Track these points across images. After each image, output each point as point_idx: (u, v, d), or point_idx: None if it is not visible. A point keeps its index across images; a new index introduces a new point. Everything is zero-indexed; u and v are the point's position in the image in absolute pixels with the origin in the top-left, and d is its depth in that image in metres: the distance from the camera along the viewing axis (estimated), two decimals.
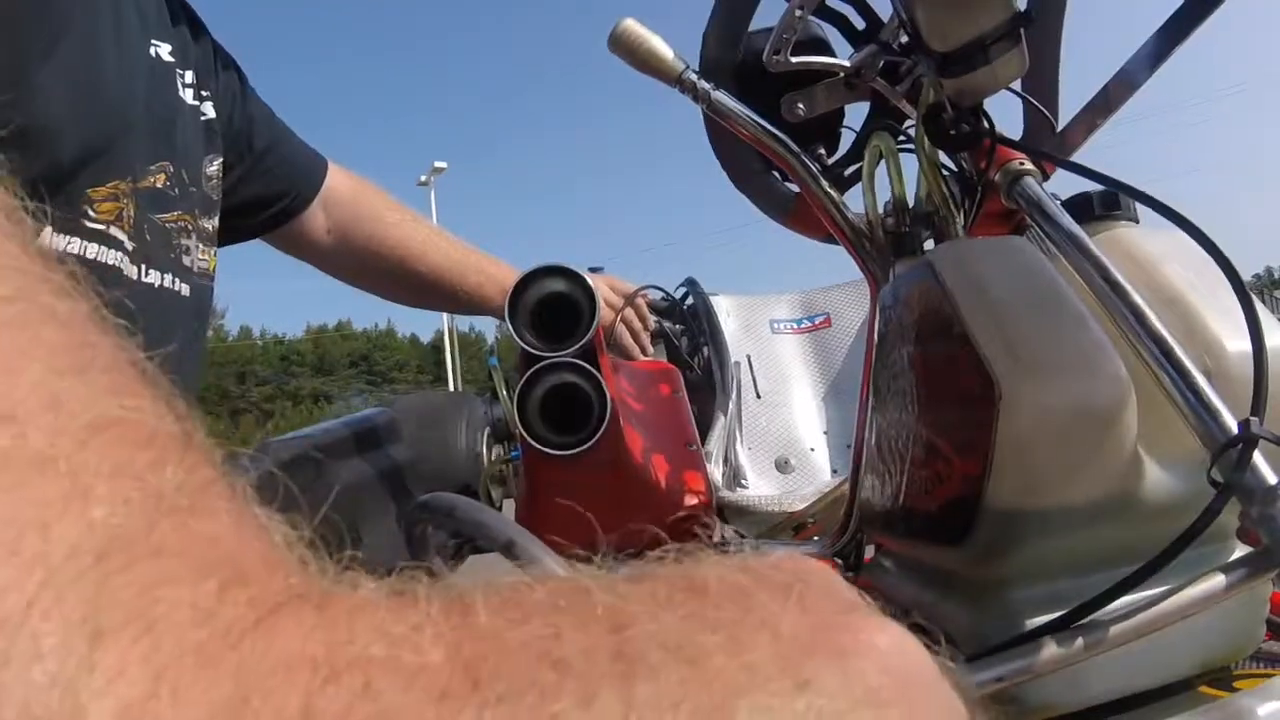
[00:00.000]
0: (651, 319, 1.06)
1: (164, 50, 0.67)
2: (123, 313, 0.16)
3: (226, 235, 0.78)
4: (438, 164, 23.84)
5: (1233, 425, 0.35)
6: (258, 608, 0.13)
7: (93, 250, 0.56)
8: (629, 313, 0.99)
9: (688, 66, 0.60)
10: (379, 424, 0.88)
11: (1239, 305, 0.39)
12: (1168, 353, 0.38)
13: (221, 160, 0.74)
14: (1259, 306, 0.39)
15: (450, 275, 0.97)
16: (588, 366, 0.56)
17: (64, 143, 0.52)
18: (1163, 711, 0.40)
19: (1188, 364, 0.38)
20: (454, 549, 0.71)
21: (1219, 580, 0.35)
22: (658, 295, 1.12)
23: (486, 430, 0.93)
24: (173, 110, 0.66)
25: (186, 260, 0.66)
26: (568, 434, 0.56)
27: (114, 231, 0.57)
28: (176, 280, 0.65)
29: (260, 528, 0.15)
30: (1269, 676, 0.41)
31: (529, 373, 0.56)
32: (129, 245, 0.59)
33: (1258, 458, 0.34)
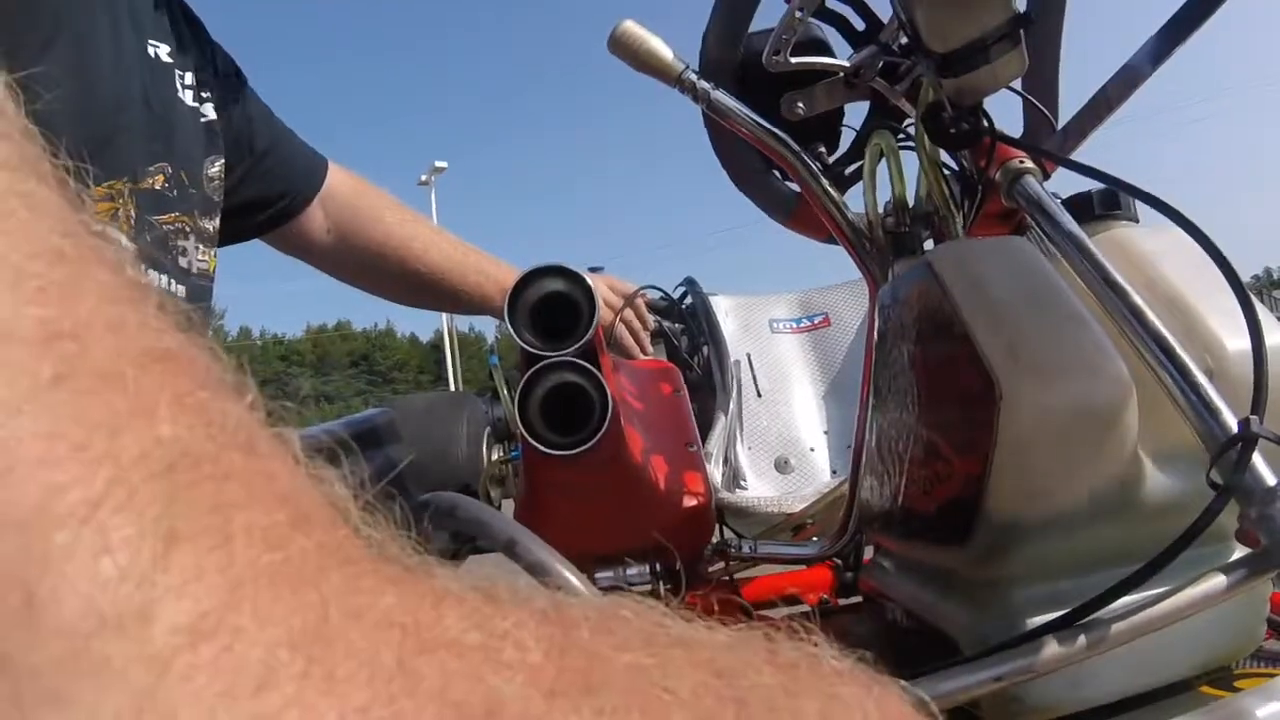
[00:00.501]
0: (651, 319, 1.06)
1: (163, 50, 0.66)
2: None
3: (227, 235, 0.77)
4: (438, 164, 23.85)
5: (1233, 424, 0.35)
6: (331, 554, 0.12)
7: None
8: (628, 313, 0.99)
9: (688, 67, 0.60)
10: (379, 424, 0.88)
11: (1239, 305, 0.39)
12: (1168, 352, 0.38)
13: (223, 161, 0.73)
14: (1258, 306, 0.39)
15: (450, 275, 0.97)
16: (588, 366, 0.56)
17: (60, 143, 0.51)
18: (1164, 711, 0.40)
19: (1188, 363, 0.38)
20: (454, 550, 0.71)
21: (1219, 581, 0.35)
22: (657, 295, 1.12)
23: (487, 430, 0.93)
24: (171, 111, 0.65)
25: (183, 262, 0.66)
26: (568, 434, 0.56)
27: (111, 233, 0.57)
28: (172, 282, 0.64)
29: (319, 479, 0.14)
30: (1270, 676, 0.41)
31: (530, 372, 0.56)
32: (129, 246, 0.59)
33: (1258, 458, 0.34)
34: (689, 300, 1.12)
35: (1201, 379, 0.37)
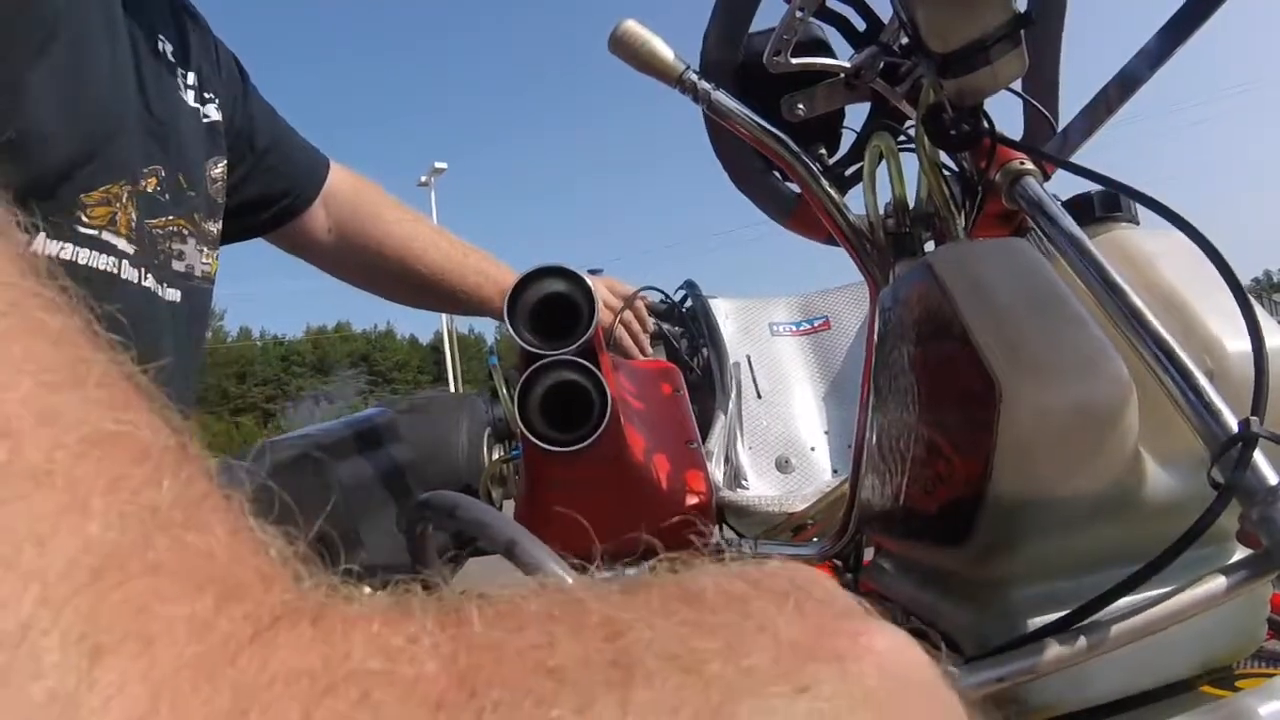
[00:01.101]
0: (650, 321, 1.06)
1: (166, 49, 0.66)
2: (115, 324, 0.16)
3: (230, 234, 0.77)
4: (438, 164, 23.84)
5: (1233, 424, 0.35)
6: (254, 622, 0.13)
7: (84, 256, 0.55)
8: (628, 314, 0.99)
9: (688, 67, 0.60)
10: (379, 424, 0.88)
11: (1238, 307, 0.39)
12: (1168, 353, 0.38)
13: (225, 162, 0.73)
14: (1257, 307, 0.39)
15: (449, 275, 0.97)
16: (588, 364, 0.56)
17: (55, 146, 0.51)
18: (1165, 711, 0.40)
19: (1188, 364, 0.38)
20: (454, 552, 0.71)
21: (1219, 582, 0.35)
22: (657, 298, 1.12)
23: (487, 430, 0.93)
24: (172, 112, 0.65)
25: (178, 265, 0.65)
26: (568, 432, 0.56)
27: (107, 236, 0.56)
28: (164, 286, 0.64)
29: (256, 542, 0.15)
30: (1271, 676, 0.41)
31: (529, 371, 0.56)
32: (129, 249, 0.58)
33: (1259, 459, 0.34)
34: (689, 303, 1.12)
35: (1202, 379, 0.37)
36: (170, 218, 0.64)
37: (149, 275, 0.61)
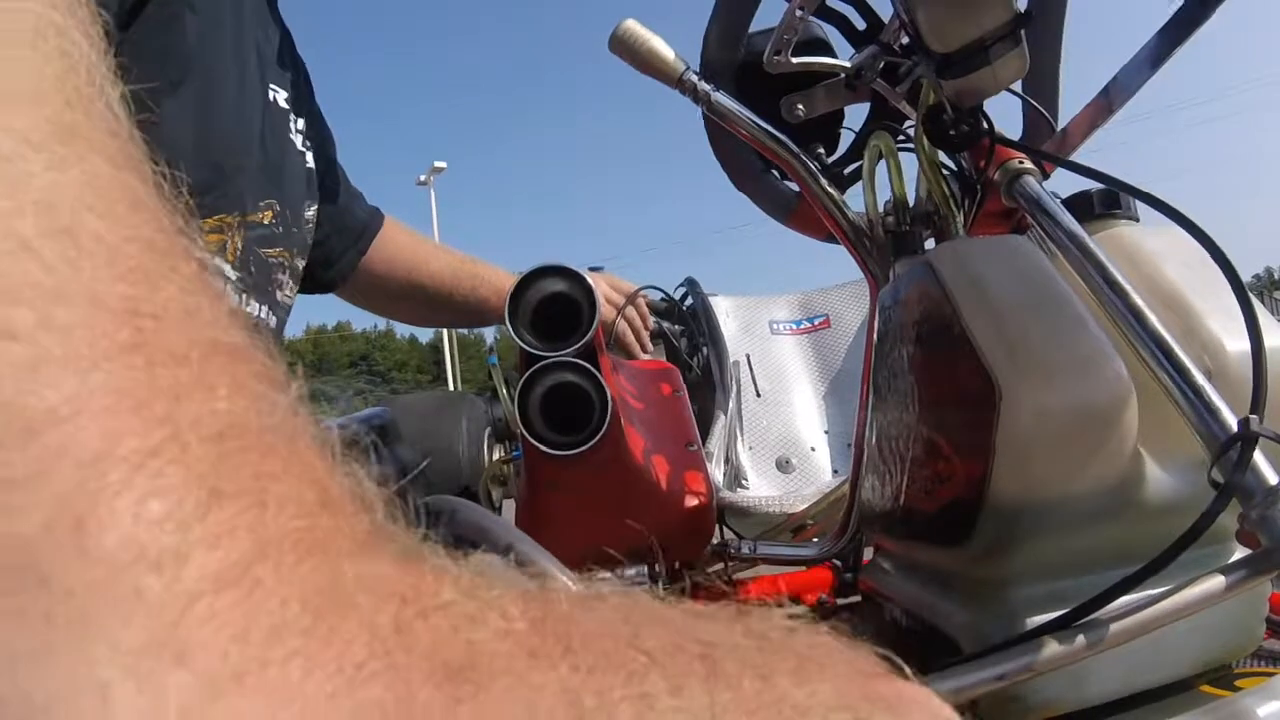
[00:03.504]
0: (651, 319, 1.06)
1: (281, 96, 0.69)
2: None
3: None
4: (437, 164, 23.81)
5: (1233, 424, 0.35)
6: (350, 536, 0.14)
7: None
8: (630, 311, 1.00)
9: (688, 67, 0.60)
10: (379, 424, 0.88)
11: (1238, 305, 0.39)
12: (1168, 352, 0.38)
13: (316, 207, 0.76)
14: (1258, 306, 0.39)
15: (450, 282, 0.98)
16: (588, 366, 0.56)
17: (181, 174, 0.52)
18: (1164, 711, 0.40)
19: (1188, 363, 0.38)
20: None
21: (1219, 581, 0.35)
22: (657, 296, 1.12)
23: (488, 430, 0.93)
24: (282, 153, 0.68)
25: (279, 295, 0.69)
26: (569, 434, 0.56)
27: (217, 262, 0.59)
28: (269, 312, 0.67)
29: (349, 472, 0.15)
30: (1270, 675, 0.41)
31: (529, 372, 0.56)
32: (232, 275, 0.61)
33: (1259, 459, 0.34)
34: (689, 301, 1.12)
35: (1201, 379, 0.37)
36: (281, 249, 0.67)
37: (252, 300, 0.64)
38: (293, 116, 0.71)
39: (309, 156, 0.75)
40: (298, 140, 0.72)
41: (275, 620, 0.12)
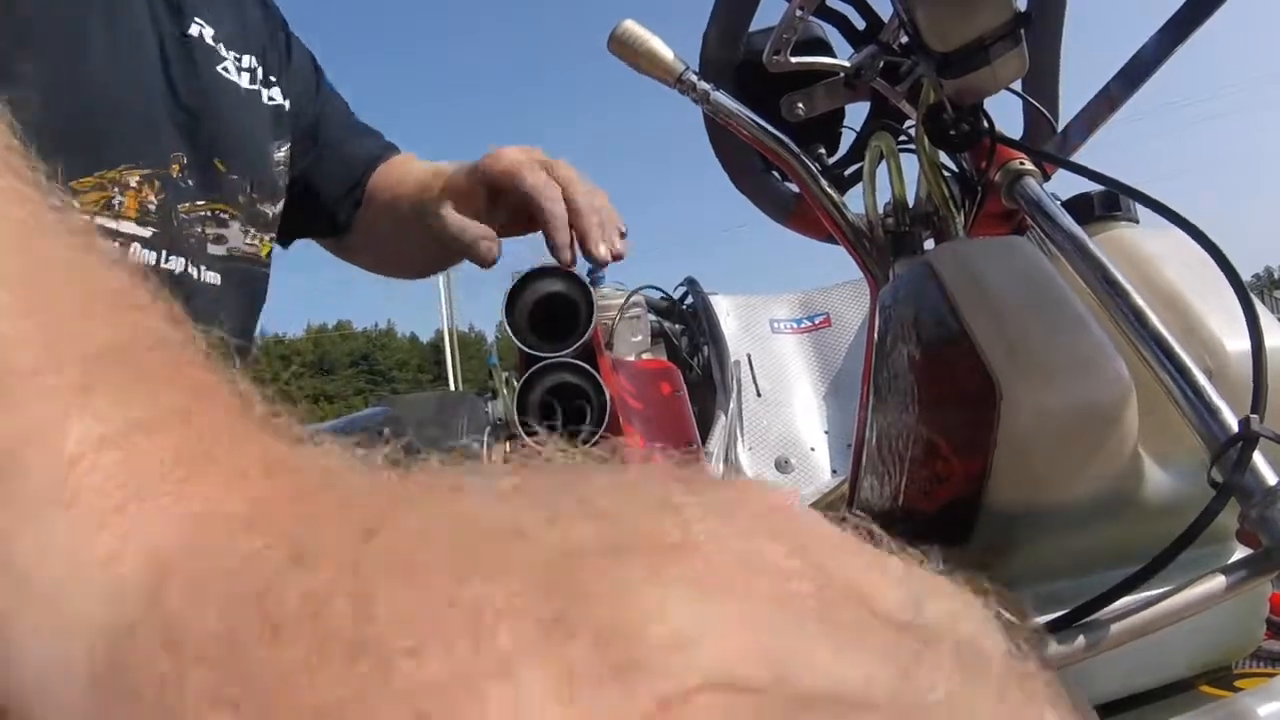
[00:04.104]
0: (650, 318, 1.06)
1: (207, 33, 0.65)
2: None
3: (296, 228, 0.76)
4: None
5: (1233, 424, 0.35)
6: (228, 411, 0.15)
7: None
8: (595, 204, 0.65)
9: (688, 67, 0.60)
10: (379, 423, 0.88)
11: (1239, 305, 0.39)
12: (1168, 352, 0.38)
13: (289, 146, 0.72)
14: (1258, 306, 0.39)
15: (419, 194, 0.78)
16: (586, 366, 0.56)
17: (41, 134, 0.51)
18: (1164, 711, 0.40)
19: (1188, 363, 0.38)
20: None
21: (1219, 581, 0.35)
22: (657, 295, 1.12)
23: (487, 429, 0.93)
24: (205, 95, 0.64)
25: (217, 249, 0.64)
26: (568, 433, 0.56)
27: (103, 221, 0.56)
28: (200, 269, 0.63)
29: (227, 377, 0.17)
30: (1269, 675, 0.41)
31: (528, 373, 0.56)
32: (141, 232, 0.58)
33: (1258, 459, 0.34)
34: (689, 300, 1.12)
35: (1201, 379, 0.37)
36: (200, 202, 0.63)
37: (173, 257, 0.61)
38: (233, 54, 0.66)
39: (274, 93, 0.70)
40: (244, 79, 0.67)
41: (154, 470, 0.13)
